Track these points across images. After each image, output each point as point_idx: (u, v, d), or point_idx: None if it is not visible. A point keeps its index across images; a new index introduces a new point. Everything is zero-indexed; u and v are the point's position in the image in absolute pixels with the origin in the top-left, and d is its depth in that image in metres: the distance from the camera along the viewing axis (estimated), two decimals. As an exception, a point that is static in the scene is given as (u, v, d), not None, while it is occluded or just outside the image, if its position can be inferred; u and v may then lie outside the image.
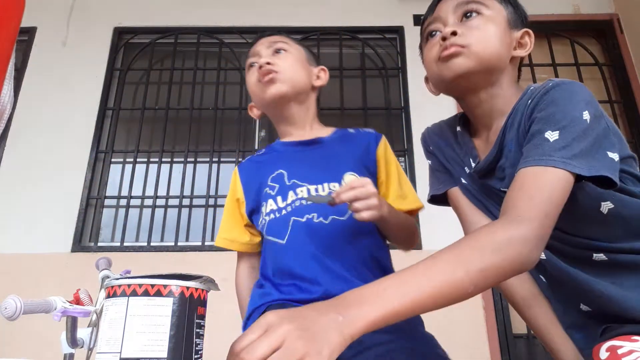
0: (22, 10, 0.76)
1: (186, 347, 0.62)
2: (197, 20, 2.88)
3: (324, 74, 1.14)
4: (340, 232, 0.94)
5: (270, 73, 1.02)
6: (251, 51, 1.11)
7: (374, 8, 2.91)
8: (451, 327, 2.17)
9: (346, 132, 1.11)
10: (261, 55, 1.07)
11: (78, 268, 2.27)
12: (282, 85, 1.03)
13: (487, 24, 0.81)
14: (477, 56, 0.79)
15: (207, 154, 2.65)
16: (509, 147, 0.78)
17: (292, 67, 1.06)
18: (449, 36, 0.80)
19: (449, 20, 0.84)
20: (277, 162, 1.05)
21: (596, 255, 0.73)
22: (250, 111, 1.16)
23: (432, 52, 0.85)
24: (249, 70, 1.10)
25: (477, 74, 0.80)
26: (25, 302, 0.65)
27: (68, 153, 2.56)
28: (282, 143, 1.11)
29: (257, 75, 1.05)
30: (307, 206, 0.96)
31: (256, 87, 1.06)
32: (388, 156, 1.07)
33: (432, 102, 2.69)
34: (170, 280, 0.63)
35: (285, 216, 0.97)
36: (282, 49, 1.08)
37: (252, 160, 1.15)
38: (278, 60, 1.05)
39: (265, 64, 1.03)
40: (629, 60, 2.78)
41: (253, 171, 1.09)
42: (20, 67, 2.71)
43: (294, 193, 0.98)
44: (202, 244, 2.41)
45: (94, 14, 2.90)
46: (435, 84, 0.90)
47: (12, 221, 2.42)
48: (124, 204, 2.55)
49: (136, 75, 2.86)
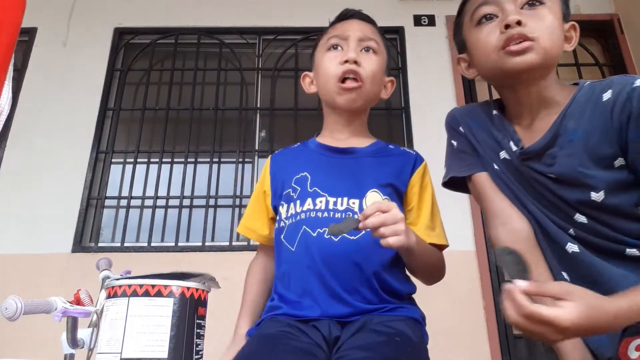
0: (22, 11, 0.76)
1: (186, 348, 0.62)
2: (198, 21, 2.88)
3: (391, 87, 1.08)
4: (347, 252, 0.89)
5: (355, 80, 0.96)
6: (338, 28, 1.02)
7: (374, 8, 2.89)
8: (452, 327, 2.17)
9: (385, 147, 1.05)
10: (349, 44, 0.99)
11: (78, 268, 2.27)
12: (360, 98, 0.98)
13: (550, 15, 0.78)
14: (545, 51, 0.76)
15: (207, 155, 2.65)
16: (567, 137, 0.78)
17: (374, 79, 0.99)
18: (514, 25, 0.76)
19: (508, 7, 0.79)
20: (305, 162, 1.01)
21: (629, 251, 0.73)
22: (303, 81, 1.09)
23: (490, 39, 0.80)
24: (328, 50, 1.01)
25: (541, 69, 0.78)
26: (25, 302, 0.66)
27: (68, 153, 2.56)
28: (317, 143, 1.05)
29: (339, 68, 0.97)
30: (321, 219, 0.92)
31: (333, 82, 0.98)
32: (426, 183, 1.00)
33: (432, 102, 2.70)
34: (170, 281, 0.63)
35: (299, 223, 0.94)
36: (372, 49, 1.00)
37: (284, 152, 1.10)
38: (365, 63, 0.97)
39: (352, 62, 0.95)
40: (629, 60, 2.78)
41: (283, 164, 1.05)
42: (20, 67, 2.71)
43: (312, 202, 0.94)
44: (203, 244, 2.41)
45: (95, 14, 2.90)
46: (485, 70, 0.86)
47: (13, 221, 2.42)
48: (125, 204, 2.55)
49: (136, 75, 2.86)
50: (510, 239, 0.83)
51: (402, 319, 0.87)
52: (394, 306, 0.89)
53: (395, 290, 0.91)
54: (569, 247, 0.78)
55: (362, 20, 1.04)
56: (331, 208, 0.93)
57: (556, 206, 0.80)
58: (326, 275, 0.89)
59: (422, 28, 2.84)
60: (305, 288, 0.90)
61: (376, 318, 0.85)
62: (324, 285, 0.89)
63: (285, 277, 0.94)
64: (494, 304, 2.25)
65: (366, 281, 0.89)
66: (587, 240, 0.76)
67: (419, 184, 0.99)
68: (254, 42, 2.89)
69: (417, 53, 2.78)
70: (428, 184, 1.01)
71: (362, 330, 0.82)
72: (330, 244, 0.90)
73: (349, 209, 0.92)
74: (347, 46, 0.99)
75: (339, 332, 0.84)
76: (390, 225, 0.76)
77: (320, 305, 0.88)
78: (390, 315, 0.87)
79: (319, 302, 0.88)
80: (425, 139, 2.53)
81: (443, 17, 2.84)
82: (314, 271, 0.90)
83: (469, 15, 0.86)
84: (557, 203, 0.80)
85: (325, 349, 0.81)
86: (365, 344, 0.77)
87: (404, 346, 0.78)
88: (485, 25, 0.82)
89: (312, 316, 0.87)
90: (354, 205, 0.93)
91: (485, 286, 2.27)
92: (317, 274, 0.89)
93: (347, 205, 0.93)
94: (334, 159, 1.00)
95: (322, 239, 0.91)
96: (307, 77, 1.09)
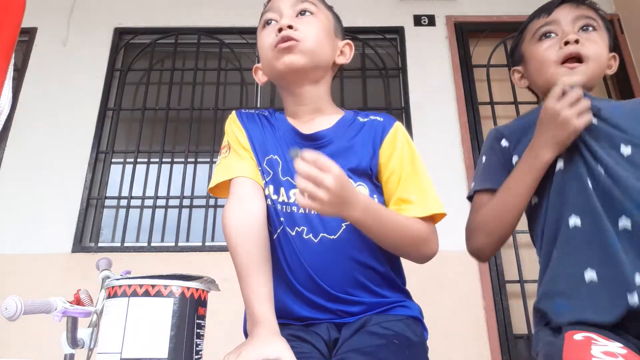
0: (22, 11, 0.76)
1: (186, 348, 0.62)
2: (198, 21, 2.88)
3: (350, 50, 0.98)
4: (331, 253, 0.84)
5: (290, 39, 0.86)
6: (270, 4, 0.94)
7: (374, 8, 2.91)
8: (452, 327, 2.17)
9: (352, 121, 0.94)
10: (282, 13, 0.90)
11: (78, 268, 2.27)
12: (301, 57, 0.87)
13: (601, 41, 0.94)
14: (592, 73, 0.91)
15: (207, 155, 2.65)
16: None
17: (316, 37, 0.89)
18: (572, 42, 0.91)
19: (567, 28, 0.94)
20: (275, 143, 0.92)
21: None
22: (255, 74, 0.99)
23: (548, 52, 0.94)
24: (264, 28, 0.93)
25: (585, 88, 0.89)
26: (25, 302, 0.65)
27: (68, 153, 2.56)
28: (286, 124, 0.94)
29: (273, 38, 0.88)
30: (299, 216, 0.86)
31: (270, 51, 0.89)
32: (400, 146, 0.89)
33: (432, 102, 2.70)
34: (170, 281, 0.63)
35: (277, 212, 0.87)
36: (308, 11, 0.91)
37: (252, 117, 0.97)
38: (301, 25, 0.88)
39: (286, 27, 0.87)
40: (629, 60, 2.78)
41: (253, 131, 0.94)
42: (20, 67, 2.71)
43: (285, 193, 0.88)
44: (203, 244, 2.41)
45: (95, 14, 2.90)
46: (540, 80, 0.98)
47: (13, 221, 2.42)
48: (125, 204, 2.55)
49: (136, 75, 2.86)
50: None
51: (401, 319, 0.85)
52: (391, 303, 0.86)
53: (387, 282, 0.88)
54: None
55: None
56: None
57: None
58: (313, 276, 0.84)
59: (422, 28, 2.84)
60: (296, 287, 0.85)
61: (374, 318, 0.83)
62: (314, 287, 0.84)
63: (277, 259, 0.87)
64: (494, 304, 2.25)
65: (352, 280, 0.85)
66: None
67: (389, 150, 0.88)
68: (254, 42, 2.87)
69: (417, 53, 2.78)
70: (404, 146, 0.89)
71: (360, 332, 0.81)
72: (311, 245, 0.85)
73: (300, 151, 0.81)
74: (281, 16, 0.90)
75: (337, 334, 0.83)
76: (312, 183, 0.67)
77: (315, 309, 0.84)
78: (389, 315, 0.85)
79: (313, 305, 0.84)
80: (425, 139, 2.53)
81: (443, 17, 2.84)
82: (300, 272, 0.85)
83: (532, 32, 0.99)
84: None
85: (326, 353, 0.80)
86: (363, 347, 0.75)
87: (403, 349, 0.76)
88: (545, 41, 0.96)
89: (307, 316, 0.85)
90: None
91: (485, 286, 2.27)
92: (304, 276, 0.84)
93: None
94: (301, 146, 0.89)
95: (302, 240, 0.85)
96: (257, 70, 0.99)
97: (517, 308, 2.29)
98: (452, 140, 2.57)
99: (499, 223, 0.90)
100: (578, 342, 0.68)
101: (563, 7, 0.96)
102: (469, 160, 2.51)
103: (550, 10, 0.97)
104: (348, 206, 0.73)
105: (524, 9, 1.41)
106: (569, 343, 0.69)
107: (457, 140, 2.57)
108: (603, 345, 0.65)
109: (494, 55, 2.80)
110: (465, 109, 2.64)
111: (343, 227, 0.85)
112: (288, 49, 0.87)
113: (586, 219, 0.81)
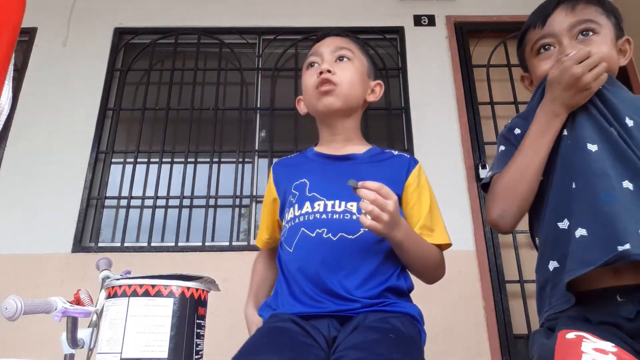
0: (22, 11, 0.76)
1: (187, 348, 0.62)
2: (198, 21, 2.88)
3: (379, 89, 1.12)
4: (347, 251, 0.92)
5: (329, 83, 1.02)
6: (314, 48, 1.10)
7: (374, 8, 2.92)
8: (452, 327, 2.17)
9: (381, 152, 1.09)
10: (324, 58, 1.06)
11: (78, 268, 2.27)
12: (337, 100, 1.03)
13: (604, 43, 0.91)
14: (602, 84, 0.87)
15: (207, 155, 2.65)
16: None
17: (351, 82, 1.04)
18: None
19: (564, 41, 0.90)
20: (304, 170, 1.06)
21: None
22: (298, 104, 1.16)
23: (547, 68, 0.90)
24: (307, 69, 1.09)
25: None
26: (25, 302, 0.66)
27: (68, 153, 2.56)
28: (314, 152, 1.10)
29: (315, 80, 1.04)
30: (320, 220, 0.95)
31: (312, 92, 1.05)
32: (422, 183, 1.03)
33: (432, 102, 2.70)
34: (170, 281, 0.63)
35: (297, 225, 0.98)
36: (345, 57, 1.07)
37: (284, 162, 1.15)
38: (339, 70, 1.04)
39: (326, 71, 1.02)
40: (629, 60, 2.77)
41: (283, 173, 1.11)
42: (20, 67, 2.71)
43: (310, 205, 0.98)
44: (203, 244, 2.41)
45: (95, 14, 2.90)
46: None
47: (13, 221, 2.42)
48: (125, 204, 2.55)
49: (136, 75, 2.86)
50: None
51: (398, 316, 0.88)
52: (391, 302, 0.90)
53: (392, 287, 0.93)
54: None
55: (335, 36, 1.11)
56: (329, 210, 0.96)
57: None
58: (324, 273, 0.91)
59: (422, 28, 2.84)
60: (302, 286, 0.92)
61: (372, 315, 0.86)
62: (322, 283, 0.90)
63: (285, 276, 0.97)
64: (494, 303, 2.25)
65: (364, 279, 0.91)
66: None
67: (414, 184, 1.02)
68: (254, 42, 2.89)
69: (417, 53, 2.78)
70: (425, 184, 1.03)
71: (358, 329, 0.84)
72: (329, 242, 0.92)
73: (347, 211, 0.95)
74: (322, 60, 1.06)
75: (336, 332, 0.86)
76: (377, 208, 0.81)
77: (318, 303, 0.89)
78: (387, 312, 0.88)
79: (317, 300, 0.89)
80: (425, 139, 2.53)
81: (443, 17, 2.84)
82: (311, 270, 0.92)
83: (530, 44, 0.96)
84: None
85: (325, 349, 0.83)
86: (360, 342, 0.78)
87: (398, 343, 0.79)
88: (543, 54, 0.93)
89: (309, 312, 0.88)
90: (351, 207, 0.95)
91: (485, 286, 2.27)
92: (314, 273, 0.91)
93: (345, 207, 0.95)
94: (331, 165, 1.05)
95: (320, 239, 0.93)
96: (300, 101, 1.15)
97: (517, 308, 2.29)
98: (452, 140, 2.57)
99: (520, 184, 0.87)
100: (570, 340, 0.68)
101: (558, 13, 0.91)
102: (469, 160, 2.51)
103: (545, 17, 0.92)
104: (397, 227, 0.87)
105: (524, 9, 1.42)
106: (561, 341, 0.69)
107: (457, 140, 2.57)
108: (594, 343, 0.66)
109: (494, 55, 2.80)
110: (465, 109, 2.63)
111: (361, 232, 0.93)
112: (327, 92, 1.03)
113: (582, 179, 0.79)
